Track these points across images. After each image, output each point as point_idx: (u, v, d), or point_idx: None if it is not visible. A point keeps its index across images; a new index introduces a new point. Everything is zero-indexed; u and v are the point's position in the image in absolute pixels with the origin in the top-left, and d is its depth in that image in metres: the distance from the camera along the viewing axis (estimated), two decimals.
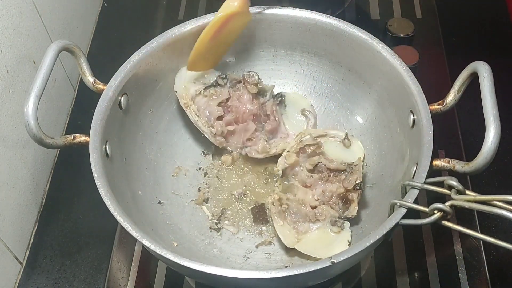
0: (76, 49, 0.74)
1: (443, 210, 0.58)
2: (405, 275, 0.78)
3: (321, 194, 0.76)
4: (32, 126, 0.66)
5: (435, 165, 0.66)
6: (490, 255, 0.79)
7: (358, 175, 0.75)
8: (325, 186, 0.77)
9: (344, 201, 0.75)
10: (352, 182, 0.75)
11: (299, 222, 0.76)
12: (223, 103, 0.82)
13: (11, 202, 0.78)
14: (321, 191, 0.77)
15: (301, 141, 0.79)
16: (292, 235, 0.75)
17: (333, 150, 0.80)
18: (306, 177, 0.78)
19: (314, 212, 0.76)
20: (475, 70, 0.66)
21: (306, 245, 0.74)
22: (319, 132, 0.82)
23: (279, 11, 0.81)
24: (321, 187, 0.77)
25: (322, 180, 0.77)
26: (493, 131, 0.61)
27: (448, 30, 1.05)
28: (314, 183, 0.78)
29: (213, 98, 0.82)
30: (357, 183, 0.74)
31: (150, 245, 0.61)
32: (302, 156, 0.79)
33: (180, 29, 0.80)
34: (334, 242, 0.74)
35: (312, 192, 0.77)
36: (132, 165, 0.78)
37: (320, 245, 0.74)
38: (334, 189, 0.76)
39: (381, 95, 0.80)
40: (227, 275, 0.59)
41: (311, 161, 0.78)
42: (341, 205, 0.76)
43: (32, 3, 0.84)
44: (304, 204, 0.77)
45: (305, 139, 0.79)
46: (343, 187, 0.75)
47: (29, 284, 0.80)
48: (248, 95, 0.82)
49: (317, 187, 0.77)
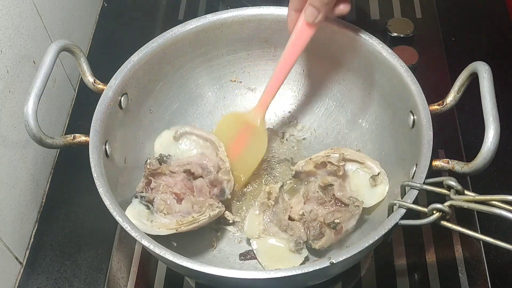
0: (76, 49, 0.74)
1: (442, 210, 0.58)
2: (405, 275, 0.78)
3: (308, 212, 0.75)
4: (31, 126, 0.66)
5: (435, 166, 0.66)
6: (490, 255, 0.79)
7: (345, 216, 0.72)
8: (316, 207, 0.75)
9: (320, 231, 0.73)
10: (332, 218, 0.72)
11: (272, 223, 0.75)
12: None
13: (11, 202, 0.78)
14: (310, 210, 0.75)
15: (329, 155, 0.77)
16: (257, 229, 0.75)
17: (357, 181, 0.78)
18: (313, 191, 0.77)
19: (289, 223, 0.74)
20: (475, 70, 0.66)
21: (261, 245, 0.74)
22: (355, 157, 0.78)
23: (279, 11, 0.81)
24: (312, 206, 0.75)
25: (319, 200, 0.76)
26: (493, 131, 0.61)
27: (448, 30, 1.05)
28: (311, 200, 0.76)
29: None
30: (335, 221, 0.72)
31: (149, 245, 0.61)
32: (321, 170, 0.77)
33: (180, 29, 0.80)
34: (286, 258, 0.73)
35: (302, 206, 0.76)
36: (132, 165, 0.78)
37: (272, 253, 0.74)
38: (319, 214, 0.74)
39: (381, 96, 0.80)
40: (226, 275, 0.59)
41: (324, 179, 0.76)
42: (316, 232, 0.73)
43: (32, 3, 0.84)
44: (287, 211, 0.76)
45: (332, 156, 0.77)
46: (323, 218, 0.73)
47: (29, 284, 0.80)
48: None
49: (311, 204, 0.76)
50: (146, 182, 0.76)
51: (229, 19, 0.82)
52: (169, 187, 0.76)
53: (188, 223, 0.72)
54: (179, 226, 0.71)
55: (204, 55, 0.85)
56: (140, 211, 0.72)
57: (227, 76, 0.89)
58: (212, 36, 0.82)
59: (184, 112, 0.86)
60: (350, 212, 0.73)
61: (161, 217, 0.73)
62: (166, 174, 0.77)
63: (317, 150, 0.85)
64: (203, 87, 0.88)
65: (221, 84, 0.89)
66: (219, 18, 0.81)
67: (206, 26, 0.81)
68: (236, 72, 0.88)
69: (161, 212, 0.73)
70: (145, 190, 0.75)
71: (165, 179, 0.77)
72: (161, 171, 0.77)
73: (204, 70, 0.86)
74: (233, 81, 0.89)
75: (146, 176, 0.76)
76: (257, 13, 0.82)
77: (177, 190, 0.75)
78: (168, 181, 0.76)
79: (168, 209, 0.73)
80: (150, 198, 0.74)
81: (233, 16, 0.82)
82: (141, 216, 0.71)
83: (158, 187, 0.76)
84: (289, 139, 0.88)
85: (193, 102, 0.87)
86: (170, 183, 0.76)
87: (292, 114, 0.89)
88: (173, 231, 0.70)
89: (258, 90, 0.89)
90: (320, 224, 0.73)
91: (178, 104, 0.86)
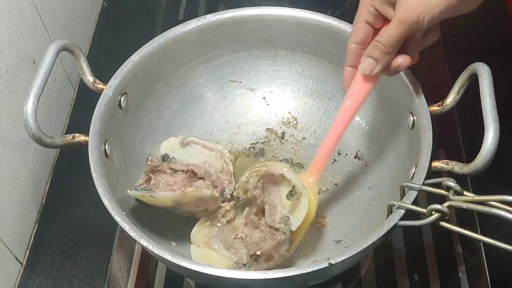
0: (76, 49, 0.74)
1: (441, 211, 0.58)
2: (405, 275, 0.78)
3: (245, 236, 0.72)
4: (31, 126, 0.66)
5: (434, 167, 0.66)
6: (490, 255, 0.79)
7: (270, 245, 0.68)
8: (252, 232, 0.72)
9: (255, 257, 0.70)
10: (255, 248, 0.69)
11: (216, 239, 0.73)
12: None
13: (11, 202, 0.78)
14: (246, 235, 0.72)
15: (248, 181, 0.72)
16: (202, 239, 0.74)
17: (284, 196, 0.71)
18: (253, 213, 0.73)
19: (233, 242, 0.73)
20: (475, 71, 0.66)
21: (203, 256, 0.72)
22: (272, 170, 0.71)
23: (279, 11, 0.81)
24: (250, 230, 0.72)
25: (254, 225, 0.72)
26: (492, 132, 0.61)
27: (448, 30, 1.05)
28: (249, 223, 0.73)
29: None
30: (256, 252, 0.68)
31: (148, 245, 0.61)
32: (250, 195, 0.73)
33: (180, 29, 0.80)
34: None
35: (242, 229, 0.73)
36: (131, 165, 0.78)
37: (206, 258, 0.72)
38: (253, 239, 0.71)
39: (381, 96, 0.79)
40: (225, 276, 0.59)
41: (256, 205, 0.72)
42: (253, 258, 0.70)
43: (32, 3, 0.84)
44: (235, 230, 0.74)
45: (250, 182, 0.71)
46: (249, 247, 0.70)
47: (29, 284, 0.80)
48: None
49: (249, 228, 0.73)
50: (146, 179, 0.76)
51: (229, 19, 0.82)
52: (168, 185, 0.76)
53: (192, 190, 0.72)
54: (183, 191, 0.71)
55: (204, 55, 0.85)
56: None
57: (227, 76, 0.89)
58: (212, 36, 0.82)
59: (184, 112, 0.86)
60: (276, 240, 0.68)
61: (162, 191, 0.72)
62: (166, 172, 0.77)
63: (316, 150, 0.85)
64: (203, 87, 0.88)
65: (221, 84, 0.89)
66: (219, 18, 0.81)
67: (206, 26, 0.81)
68: (236, 72, 0.88)
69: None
70: (145, 187, 0.75)
71: (165, 177, 0.77)
72: (162, 169, 0.77)
73: (204, 70, 0.86)
74: (233, 81, 0.89)
75: (146, 173, 0.76)
76: (257, 13, 0.82)
77: (176, 189, 0.75)
78: (168, 179, 0.76)
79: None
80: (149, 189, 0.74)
81: (233, 16, 0.82)
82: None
83: (158, 184, 0.76)
84: (289, 139, 0.88)
85: (193, 102, 0.87)
86: (170, 181, 0.76)
87: (292, 114, 0.89)
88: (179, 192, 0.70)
89: (258, 90, 0.90)
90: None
91: (178, 104, 0.86)
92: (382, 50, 0.62)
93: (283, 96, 0.89)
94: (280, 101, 0.89)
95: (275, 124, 0.89)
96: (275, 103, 0.90)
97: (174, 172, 0.78)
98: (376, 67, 0.64)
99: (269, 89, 0.90)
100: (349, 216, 0.78)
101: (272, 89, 0.90)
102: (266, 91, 0.90)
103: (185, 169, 0.78)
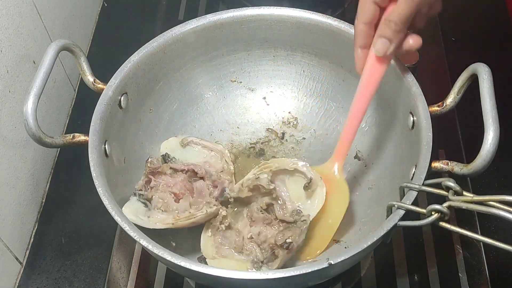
0: (76, 49, 0.74)
1: (440, 211, 0.58)
2: (405, 275, 0.78)
3: (256, 235, 0.73)
4: (31, 125, 0.66)
5: (434, 167, 0.66)
6: (490, 256, 0.79)
7: (296, 233, 0.70)
8: (264, 228, 0.73)
9: (272, 252, 0.71)
10: (283, 238, 0.70)
11: (224, 246, 0.73)
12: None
13: (11, 202, 0.78)
14: (258, 232, 0.73)
15: (258, 177, 0.74)
16: (212, 250, 0.73)
17: (295, 190, 0.75)
18: (256, 211, 0.74)
19: (244, 244, 0.73)
20: (475, 71, 0.66)
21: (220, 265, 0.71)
22: (284, 165, 0.75)
23: (279, 11, 0.81)
24: (260, 228, 0.74)
25: (265, 221, 0.74)
26: (492, 133, 0.61)
27: (448, 30, 1.05)
28: (257, 221, 0.74)
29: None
30: (287, 241, 0.69)
31: (148, 245, 0.61)
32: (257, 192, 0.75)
33: (180, 29, 0.80)
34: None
35: (250, 229, 0.74)
36: (131, 165, 0.78)
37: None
38: (269, 235, 0.72)
39: (381, 96, 0.79)
40: (225, 276, 0.59)
41: (262, 203, 0.74)
42: (268, 254, 0.71)
43: (32, 3, 0.84)
44: (240, 234, 0.74)
45: (261, 178, 0.74)
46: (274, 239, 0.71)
47: (29, 284, 0.80)
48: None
49: (257, 226, 0.74)
50: (146, 181, 0.76)
51: (229, 19, 0.82)
52: (168, 187, 0.76)
53: (185, 218, 0.72)
54: (175, 221, 0.71)
55: (204, 55, 0.85)
56: (137, 208, 0.72)
57: (227, 76, 0.88)
58: (212, 36, 0.82)
59: (184, 112, 0.86)
60: (299, 228, 0.71)
61: (158, 213, 0.73)
62: (166, 174, 0.77)
63: (317, 150, 0.85)
64: (203, 87, 0.88)
65: (221, 84, 0.89)
66: (219, 18, 0.81)
67: (206, 26, 0.81)
68: (236, 72, 0.88)
69: (158, 209, 0.73)
70: (145, 189, 0.75)
71: (165, 179, 0.77)
72: (162, 171, 0.77)
73: (204, 70, 0.86)
74: (233, 81, 0.89)
75: (146, 175, 0.76)
76: (257, 13, 0.82)
77: (176, 190, 0.75)
78: (168, 180, 0.77)
79: (165, 207, 0.74)
80: (148, 197, 0.74)
81: (233, 16, 0.82)
82: (138, 212, 0.71)
83: (158, 186, 0.76)
84: (289, 140, 0.88)
85: (193, 102, 0.87)
86: (170, 183, 0.76)
87: (292, 115, 0.89)
88: (169, 225, 0.71)
89: (258, 90, 0.90)
90: (272, 245, 0.71)
91: (178, 104, 0.86)
92: (395, 29, 0.64)
93: (283, 96, 0.89)
94: (280, 101, 0.89)
95: (275, 124, 0.89)
96: (275, 103, 0.90)
97: (174, 173, 0.78)
98: (390, 47, 0.65)
99: (269, 89, 0.90)
100: (349, 216, 0.78)
101: (272, 89, 0.90)
102: (266, 91, 0.90)
103: (186, 169, 0.78)
